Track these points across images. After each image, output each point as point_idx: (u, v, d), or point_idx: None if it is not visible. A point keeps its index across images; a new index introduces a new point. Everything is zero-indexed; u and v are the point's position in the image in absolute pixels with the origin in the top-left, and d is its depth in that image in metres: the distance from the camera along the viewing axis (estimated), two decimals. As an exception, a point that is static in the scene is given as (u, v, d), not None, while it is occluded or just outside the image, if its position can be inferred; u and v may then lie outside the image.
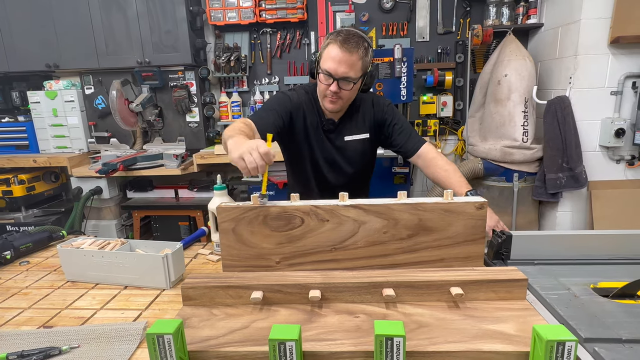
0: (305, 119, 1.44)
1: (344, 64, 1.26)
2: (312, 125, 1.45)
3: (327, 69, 1.28)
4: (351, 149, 1.47)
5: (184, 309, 0.83)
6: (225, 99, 3.10)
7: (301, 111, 1.43)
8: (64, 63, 2.88)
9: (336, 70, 1.27)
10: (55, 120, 3.02)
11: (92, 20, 2.79)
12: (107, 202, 2.95)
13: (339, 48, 1.25)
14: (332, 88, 1.29)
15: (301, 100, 1.44)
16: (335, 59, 1.26)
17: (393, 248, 1.07)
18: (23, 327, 0.96)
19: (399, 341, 0.62)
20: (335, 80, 1.28)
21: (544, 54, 2.75)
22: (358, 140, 1.47)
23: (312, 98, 1.45)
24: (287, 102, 1.41)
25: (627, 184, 2.57)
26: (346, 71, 1.27)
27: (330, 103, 1.35)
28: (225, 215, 1.06)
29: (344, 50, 1.25)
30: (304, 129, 1.45)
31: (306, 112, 1.44)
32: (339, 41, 1.25)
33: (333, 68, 1.27)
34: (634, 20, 2.27)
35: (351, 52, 1.25)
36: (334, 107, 1.37)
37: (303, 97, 1.45)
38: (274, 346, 0.62)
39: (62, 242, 1.24)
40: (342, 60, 1.25)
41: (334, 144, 1.47)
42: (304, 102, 1.44)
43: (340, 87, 1.29)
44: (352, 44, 1.25)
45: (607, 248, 1.11)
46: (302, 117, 1.44)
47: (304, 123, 1.44)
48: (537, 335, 0.62)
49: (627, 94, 2.43)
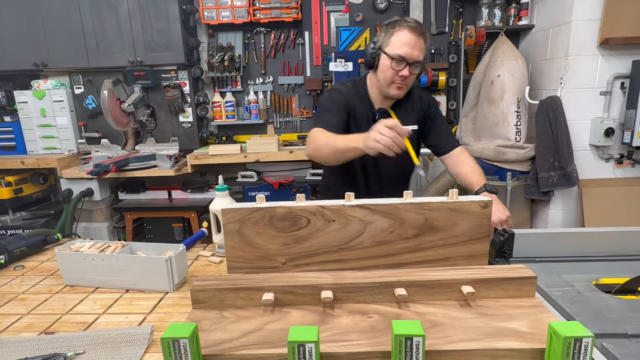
0: (355, 112, 1.44)
1: (417, 47, 1.29)
2: (363, 117, 1.45)
3: (402, 54, 1.29)
4: None
5: (194, 312, 0.81)
6: (218, 99, 3.07)
7: (352, 104, 1.44)
8: (53, 62, 2.82)
9: (410, 54, 1.29)
10: (43, 120, 2.95)
11: (82, 19, 2.73)
12: (98, 204, 2.89)
13: (410, 33, 1.28)
14: (404, 72, 1.31)
15: (351, 93, 1.45)
16: (409, 43, 1.28)
17: (399, 247, 1.08)
18: (23, 333, 0.93)
19: (419, 340, 0.62)
20: (408, 64, 1.30)
21: (535, 55, 2.80)
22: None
23: (360, 89, 1.46)
24: (340, 98, 1.43)
25: (616, 182, 2.63)
26: (419, 55, 1.30)
27: (398, 89, 1.36)
28: (231, 216, 1.05)
29: (417, 35, 1.28)
30: (355, 122, 1.45)
31: (356, 105, 1.44)
32: (409, 26, 1.29)
33: (407, 52, 1.29)
34: (622, 22, 2.32)
35: (421, 36, 1.29)
36: (400, 93, 1.38)
37: (352, 90, 1.46)
38: (293, 348, 0.62)
39: (59, 246, 1.20)
40: (416, 44, 1.28)
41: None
42: (353, 94, 1.45)
43: (410, 72, 1.32)
44: (420, 29, 1.30)
45: (608, 245, 1.13)
46: (353, 109, 1.44)
47: (354, 116, 1.44)
48: (553, 332, 0.62)
49: (616, 94, 2.49)
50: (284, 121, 3.22)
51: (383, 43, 1.35)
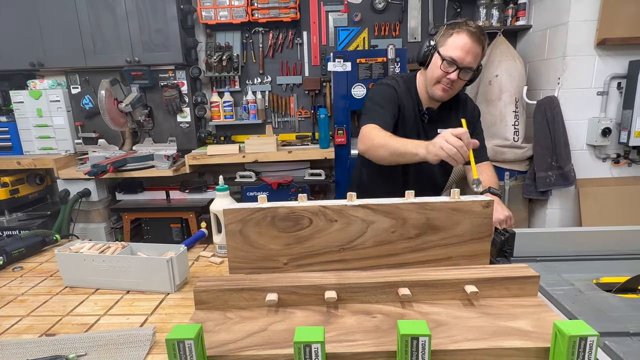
0: (403, 109, 1.44)
1: (471, 54, 1.27)
2: (410, 115, 1.44)
3: (454, 57, 1.28)
4: None
5: (197, 313, 0.81)
6: (217, 99, 3.06)
7: (402, 101, 1.44)
8: (49, 62, 2.79)
9: (463, 59, 1.27)
10: (39, 120, 2.92)
11: (78, 18, 2.71)
12: (95, 204, 2.87)
13: (469, 37, 1.26)
14: (453, 76, 1.30)
15: (402, 89, 1.44)
16: (464, 47, 1.26)
17: (401, 247, 1.08)
18: (24, 335, 0.93)
19: (425, 340, 0.62)
20: (458, 68, 1.29)
21: (533, 55, 2.82)
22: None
23: (410, 85, 1.46)
24: (393, 93, 1.42)
25: (612, 182, 2.65)
26: (471, 61, 1.28)
27: (443, 91, 1.35)
28: (232, 216, 1.05)
29: (474, 40, 1.26)
30: (403, 119, 1.44)
31: (405, 101, 1.44)
32: (469, 31, 1.27)
33: (461, 57, 1.27)
34: (619, 23, 2.34)
35: (480, 43, 1.28)
36: (444, 95, 1.37)
37: (402, 85, 1.45)
38: (299, 349, 0.62)
39: (59, 247, 1.20)
40: (471, 50, 1.27)
41: (428, 135, 1.44)
42: (403, 91, 1.44)
43: (459, 77, 1.30)
44: (482, 36, 1.28)
45: (607, 244, 1.14)
46: (403, 105, 1.44)
47: (402, 112, 1.44)
48: (558, 330, 0.63)
49: (613, 94, 2.51)
50: (283, 121, 3.22)
51: (439, 42, 1.34)
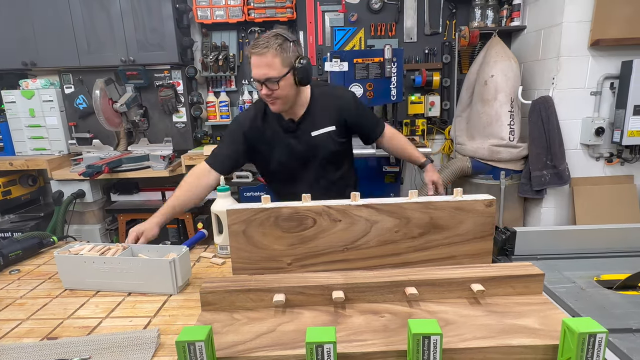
0: (264, 130, 1.50)
1: (261, 66, 1.32)
2: (274, 132, 1.50)
3: (253, 76, 1.36)
4: (321, 144, 1.51)
5: (204, 315, 0.80)
6: (212, 99, 3.05)
7: (255, 125, 1.50)
8: (42, 61, 2.75)
9: (258, 75, 1.34)
10: (32, 120, 2.88)
11: (72, 17, 2.67)
12: (90, 205, 2.84)
13: (253, 55, 1.33)
14: (263, 92, 1.37)
15: (253, 115, 1.51)
16: (253, 65, 1.34)
17: (405, 247, 1.08)
18: (24, 339, 0.91)
19: (436, 339, 0.62)
20: (261, 83, 1.35)
21: (527, 56, 2.85)
22: (326, 134, 1.51)
23: (266, 107, 1.49)
24: (236, 126, 1.51)
25: (606, 180, 2.69)
26: (265, 72, 1.33)
27: (272, 104, 1.42)
28: (236, 217, 1.04)
29: (255, 55, 1.32)
30: (265, 140, 1.51)
31: (263, 123, 1.50)
32: (250, 48, 1.34)
33: (255, 74, 1.34)
34: (612, 24, 2.38)
35: (263, 53, 1.31)
36: (275, 107, 1.42)
37: (253, 112, 1.52)
38: (311, 349, 0.61)
39: (58, 249, 1.18)
40: (257, 63, 1.33)
41: (300, 142, 1.50)
42: (257, 115, 1.50)
43: (269, 88, 1.35)
44: (261, 46, 1.32)
45: (607, 241, 1.15)
46: (258, 130, 1.50)
47: (262, 135, 1.50)
48: (567, 328, 0.63)
49: (606, 94, 2.55)
50: (279, 121, 3.20)
51: None
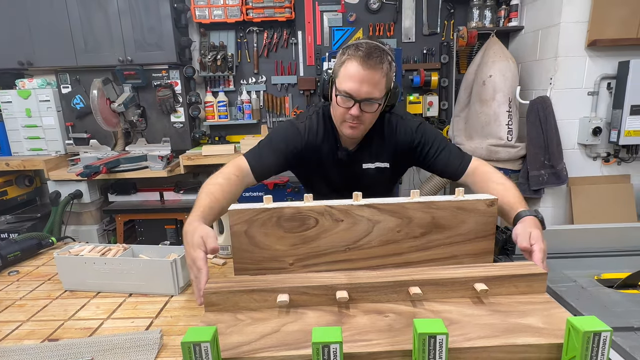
0: (320, 150, 1.28)
1: (366, 83, 1.08)
2: (327, 155, 1.29)
3: (348, 90, 1.10)
4: (369, 177, 1.32)
5: (207, 315, 0.80)
6: (211, 99, 3.04)
7: (314, 142, 1.27)
8: (39, 60, 2.74)
9: (358, 91, 1.09)
10: (28, 120, 2.86)
11: (69, 16, 2.66)
12: (87, 206, 2.82)
13: (360, 65, 1.07)
14: (354, 112, 1.12)
15: (314, 131, 1.27)
16: (355, 77, 1.08)
17: (407, 246, 1.08)
18: (25, 341, 0.90)
19: (442, 339, 0.62)
20: (356, 102, 1.11)
21: (525, 56, 2.86)
22: (378, 169, 1.31)
23: (326, 122, 1.28)
24: (298, 139, 1.25)
25: (603, 180, 2.71)
26: (369, 91, 1.09)
27: (350, 128, 1.17)
28: (238, 217, 1.04)
29: (366, 68, 1.07)
30: (317, 160, 1.30)
31: (320, 143, 1.28)
32: (359, 57, 1.08)
33: (355, 89, 1.09)
34: (609, 24, 2.39)
35: (374, 68, 1.08)
36: (354, 132, 1.18)
37: (315, 126, 1.27)
38: (317, 349, 0.61)
39: (58, 250, 1.17)
40: (365, 79, 1.08)
41: (351, 174, 1.32)
42: (317, 132, 1.27)
43: (362, 110, 1.12)
44: (376, 59, 1.07)
45: (607, 241, 1.16)
46: (314, 148, 1.28)
47: (317, 154, 1.29)
48: (572, 326, 0.64)
49: (603, 95, 2.57)
50: (278, 121, 3.20)
51: (335, 73, 1.15)
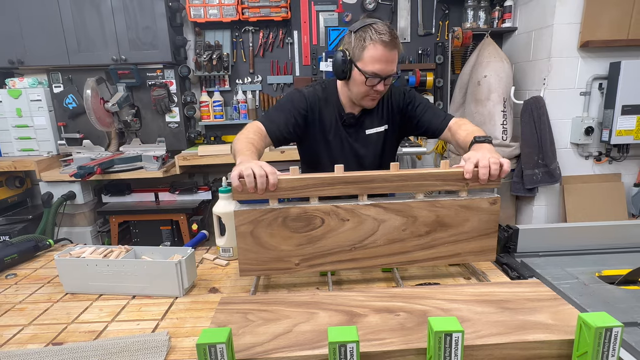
0: (322, 116, 1.40)
1: (390, 62, 1.24)
2: (331, 122, 1.41)
3: (376, 71, 1.24)
4: (373, 143, 1.44)
5: (217, 316, 0.79)
6: (206, 99, 3.01)
7: (317, 108, 1.39)
8: (30, 59, 2.68)
9: (385, 70, 1.24)
10: (19, 121, 2.80)
11: (61, 14, 2.61)
12: (80, 207, 2.77)
13: (385, 48, 1.21)
14: (380, 88, 1.27)
15: (318, 97, 1.40)
16: (382, 59, 1.22)
17: (412, 245, 1.09)
18: (28, 345, 0.88)
19: (458, 336, 0.62)
20: (381, 80, 1.26)
21: (518, 57, 2.90)
22: (379, 133, 1.44)
23: (330, 93, 1.41)
24: (302, 101, 1.37)
25: (594, 179, 2.76)
26: (392, 68, 1.26)
27: (372, 101, 1.34)
28: (244, 217, 1.03)
29: (390, 50, 1.22)
30: (321, 127, 1.41)
31: (323, 109, 1.40)
32: (383, 41, 1.21)
33: (382, 69, 1.24)
34: (601, 26, 2.44)
35: (396, 48, 1.24)
36: (374, 103, 1.35)
37: (320, 94, 1.41)
38: (334, 349, 0.61)
39: (58, 252, 1.15)
40: (390, 59, 1.23)
41: (355, 139, 1.43)
42: (321, 98, 1.40)
43: (385, 84, 1.28)
44: (395, 40, 1.23)
45: (606, 238, 1.18)
46: (318, 114, 1.40)
47: (320, 120, 1.40)
48: (583, 322, 0.65)
49: (595, 95, 2.61)
50: (273, 121, 3.19)
51: (355, 55, 1.27)
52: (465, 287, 0.89)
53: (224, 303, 0.84)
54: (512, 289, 0.87)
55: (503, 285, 0.90)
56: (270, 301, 0.85)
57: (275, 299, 0.86)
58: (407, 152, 2.76)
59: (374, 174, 1.05)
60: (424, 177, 1.05)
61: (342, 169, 1.06)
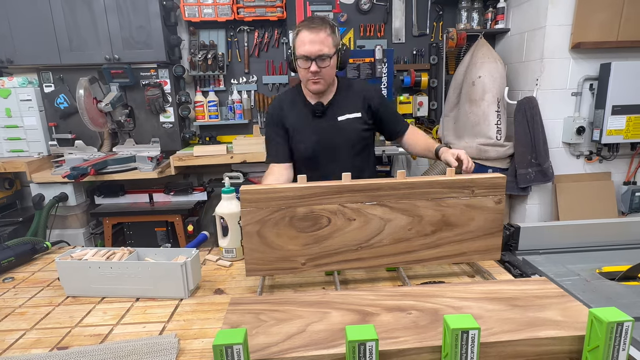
0: (291, 115, 1.54)
1: (316, 43, 1.37)
2: (302, 117, 1.53)
3: (303, 52, 1.38)
4: (347, 128, 1.53)
5: (229, 317, 0.79)
6: (201, 98, 2.99)
7: (284, 112, 1.54)
8: (19, 58, 2.62)
9: (311, 51, 1.37)
10: (8, 121, 2.74)
11: (52, 12, 2.56)
12: (73, 209, 2.72)
13: (307, 31, 1.37)
14: (312, 68, 1.39)
15: (282, 102, 1.56)
16: (305, 40, 1.37)
17: (417, 244, 1.10)
18: (32, 350, 0.86)
19: (474, 334, 0.63)
20: (312, 60, 1.38)
21: (511, 57, 2.94)
22: (352, 119, 1.53)
23: (295, 93, 1.56)
24: (273, 118, 1.56)
25: (585, 177, 2.81)
26: (320, 49, 1.37)
27: (314, 84, 1.44)
28: (250, 217, 1.03)
29: (312, 31, 1.37)
30: (294, 124, 1.54)
31: (290, 110, 1.54)
32: (304, 25, 1.39)
33: (308, 50, 1.37)
34: (591, 28, 2.49)
35: (319, 30, 1.37)
36: (318, 87, 1.45)
37: (283, 97, 1.58)
38: (353, 347, 0.61)
39: (59, 255, 1.12)
40: (314, 40, 1.37)
41: (328, 125, 1.52)
42: (285, 101, 1.56)
43: (318, 66, 1.39)
44: (317, 23, 1.39)
45: (606, 235, 1.21)
46: (291, 112, 1.54)
47: (291, 120, 1.54)
48: (595, 317, 0.66)
49: (586, 95, 2.66)
50: (269, 121, 3.18)
51: (293, 48, 1.44)
52: (473, 285, 0.90)
53: (235, 304, 0.84)
54: (520, 286, 0.88)
55: (510, 283, 0.91)
56: (281, 301, 0.85)
57: (286, 299, 0.86)
58: (403, 152, 2.78)
59: (381, 182, 1.05)
60: (431, 184, 1.05)
61: (349, 177, 1.07)
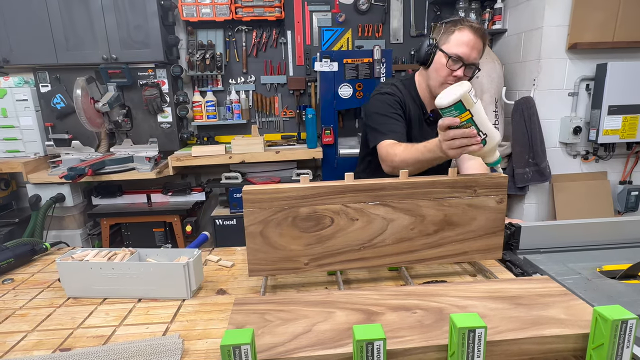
0: (410, 113, 1.41)
1: (476, 49, 1.26)
2: (415, 119, 1.42)
3: (460, 53, 1.26)
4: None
5: (235, 317, 0.79)
6: (199, 98, 2.98)
7: (405, 104, 1.41)
8: (15, 58, 2.60)
9: (469, 55, 1.26)
10: (4, 121, 2.72)
11: (48, 11, 2.54)
12: (70, 210, 2.70)
13: (473, 33, 1.24)
14: (459, 73, 1.27)
15: (404, 94, 1.42)
16: (469, 44, 1.25)
17: (420, 244, 1.10)
18: (34, 352, 0.86)
19: (481, 332, 0.63)
20: (463, 65, 1.27)
21: (509, 58, 2.96)
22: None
23: (411, 89, 1.43)
24: (397, 100, 1.39)
25: (582, 177, 2.84)
26: (476, 57, 1.27)
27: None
28: (253, 217, 1.02)
29: (477, 36, 1.25)
30: (409, 124, 1.42)
31: (410, 105, 1.42)
32: (472, 27, 1.25)
33: (466, 52, 1.25)
34: (588, 29, 2.51)
35: (482, 39, 1.27)
36: None
37: (404, 91, 1.43)
38: (361, 347, 0.61)
39: (59, 256, 1.12)
40: (475, 45, 1.25)
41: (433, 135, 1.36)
42: (405, 94, 1.42)
43: (464, 73, 1.28)
44: (484, 31, 1.28)
45: (606, 234, 1.22)
46: (408, 111, 1.42)
47: (408, 116, 1.41)
48: (599, 315, 0.66)
49: (582, 95, 2.69)
50: (267, 121, 3.18)
51: (441, 40, 1.31)
52: (477, 285, 0.90)
53: (239, 304, 0.83)
54: (523, 285, 0.89)
55: (513, 282, 0.92)
56: (286, 301, 0.85)
57: (290, 299, 0.86)
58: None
59: (384, 181, 1.05)
60: (433, 184, 1.06)
61: (351, 177, 1.07)
